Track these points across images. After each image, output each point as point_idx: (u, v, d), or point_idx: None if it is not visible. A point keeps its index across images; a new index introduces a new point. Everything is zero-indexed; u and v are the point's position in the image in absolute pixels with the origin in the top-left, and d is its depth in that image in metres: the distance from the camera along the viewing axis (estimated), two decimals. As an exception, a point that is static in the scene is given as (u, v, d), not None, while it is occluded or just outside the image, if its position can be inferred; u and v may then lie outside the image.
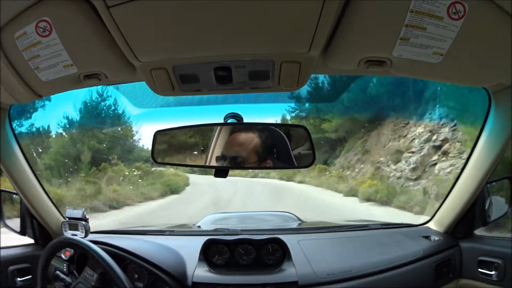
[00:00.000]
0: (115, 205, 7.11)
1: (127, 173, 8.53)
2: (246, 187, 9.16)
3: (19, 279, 1.22)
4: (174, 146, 0.96)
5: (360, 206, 6.78)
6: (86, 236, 1.19)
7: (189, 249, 1.24)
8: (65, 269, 1.10)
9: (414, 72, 0.81)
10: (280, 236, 1.22)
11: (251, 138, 0.86)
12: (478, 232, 1.28)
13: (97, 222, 5.63)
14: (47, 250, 1.07)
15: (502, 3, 0.64)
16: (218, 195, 8.10)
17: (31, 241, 1.33)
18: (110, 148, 9.21)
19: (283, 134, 0.85)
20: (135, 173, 8.69)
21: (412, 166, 7.09)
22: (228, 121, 0.92)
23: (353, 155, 9.04)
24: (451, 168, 6.20)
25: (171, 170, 9.50)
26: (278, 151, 0.83)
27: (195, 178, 10.10)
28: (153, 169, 9.19)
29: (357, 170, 8.59)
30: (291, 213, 1.90)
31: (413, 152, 7.26)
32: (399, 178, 7.24)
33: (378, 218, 2.28)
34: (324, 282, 1.11)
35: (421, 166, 6.93)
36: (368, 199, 6.98)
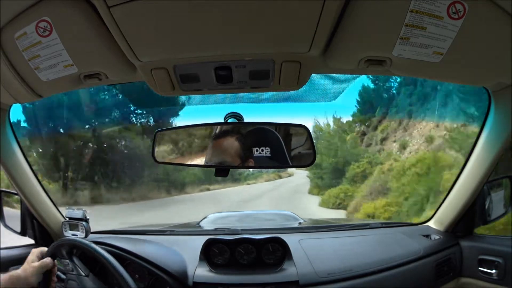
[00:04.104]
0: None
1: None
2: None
3: (19, 279, 1.22)
4: (174, 146, 0.96)
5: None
6: (86, 236, 1.19)
7: (189, 249, 1.24)
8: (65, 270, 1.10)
9: (414, 72, 0.82)
10: (281, 236, 1.22)
11: (232, 142, 0.86)
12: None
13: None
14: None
15: (502, 3, 0.64)
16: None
17: (32, 241, 1.32)
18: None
19: (277, 134, 0.85)
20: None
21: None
22: (228, 121, 0.92)
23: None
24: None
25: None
26: (272, 151, 0.83)
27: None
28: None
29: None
30: (291, 212, 1.91)
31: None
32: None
33: None
34: (325, 281, 1.11)
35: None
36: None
